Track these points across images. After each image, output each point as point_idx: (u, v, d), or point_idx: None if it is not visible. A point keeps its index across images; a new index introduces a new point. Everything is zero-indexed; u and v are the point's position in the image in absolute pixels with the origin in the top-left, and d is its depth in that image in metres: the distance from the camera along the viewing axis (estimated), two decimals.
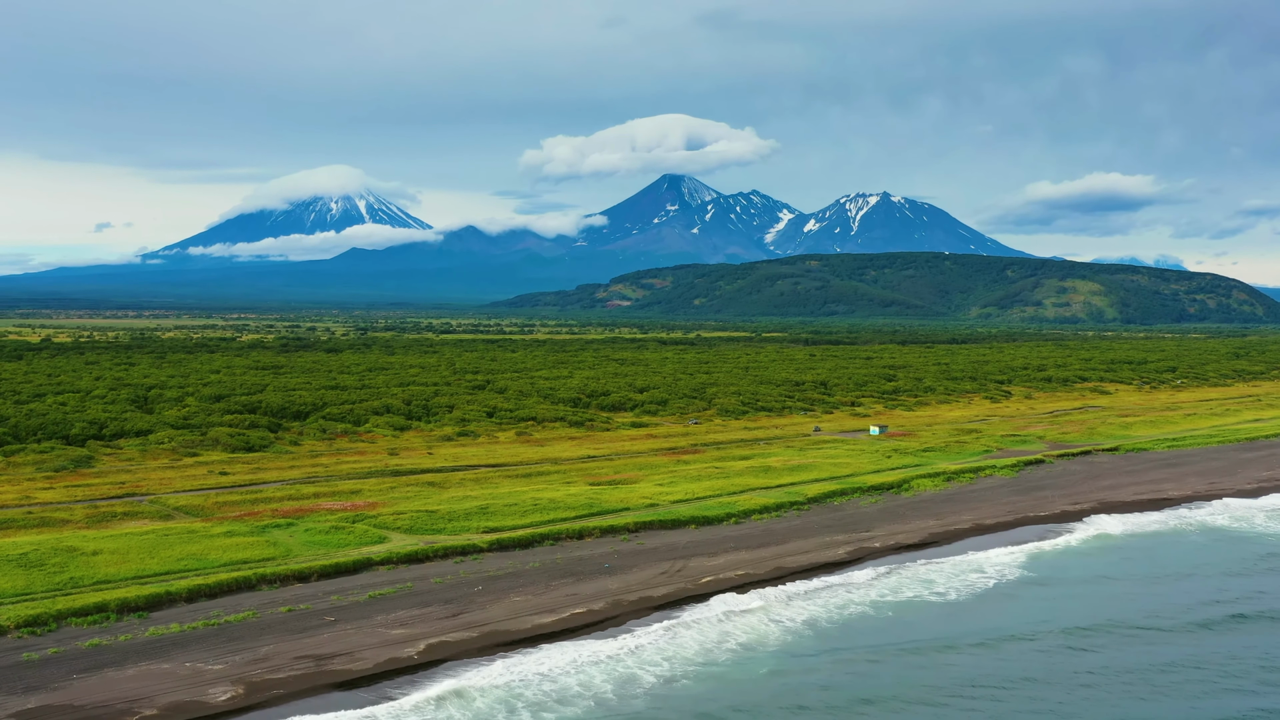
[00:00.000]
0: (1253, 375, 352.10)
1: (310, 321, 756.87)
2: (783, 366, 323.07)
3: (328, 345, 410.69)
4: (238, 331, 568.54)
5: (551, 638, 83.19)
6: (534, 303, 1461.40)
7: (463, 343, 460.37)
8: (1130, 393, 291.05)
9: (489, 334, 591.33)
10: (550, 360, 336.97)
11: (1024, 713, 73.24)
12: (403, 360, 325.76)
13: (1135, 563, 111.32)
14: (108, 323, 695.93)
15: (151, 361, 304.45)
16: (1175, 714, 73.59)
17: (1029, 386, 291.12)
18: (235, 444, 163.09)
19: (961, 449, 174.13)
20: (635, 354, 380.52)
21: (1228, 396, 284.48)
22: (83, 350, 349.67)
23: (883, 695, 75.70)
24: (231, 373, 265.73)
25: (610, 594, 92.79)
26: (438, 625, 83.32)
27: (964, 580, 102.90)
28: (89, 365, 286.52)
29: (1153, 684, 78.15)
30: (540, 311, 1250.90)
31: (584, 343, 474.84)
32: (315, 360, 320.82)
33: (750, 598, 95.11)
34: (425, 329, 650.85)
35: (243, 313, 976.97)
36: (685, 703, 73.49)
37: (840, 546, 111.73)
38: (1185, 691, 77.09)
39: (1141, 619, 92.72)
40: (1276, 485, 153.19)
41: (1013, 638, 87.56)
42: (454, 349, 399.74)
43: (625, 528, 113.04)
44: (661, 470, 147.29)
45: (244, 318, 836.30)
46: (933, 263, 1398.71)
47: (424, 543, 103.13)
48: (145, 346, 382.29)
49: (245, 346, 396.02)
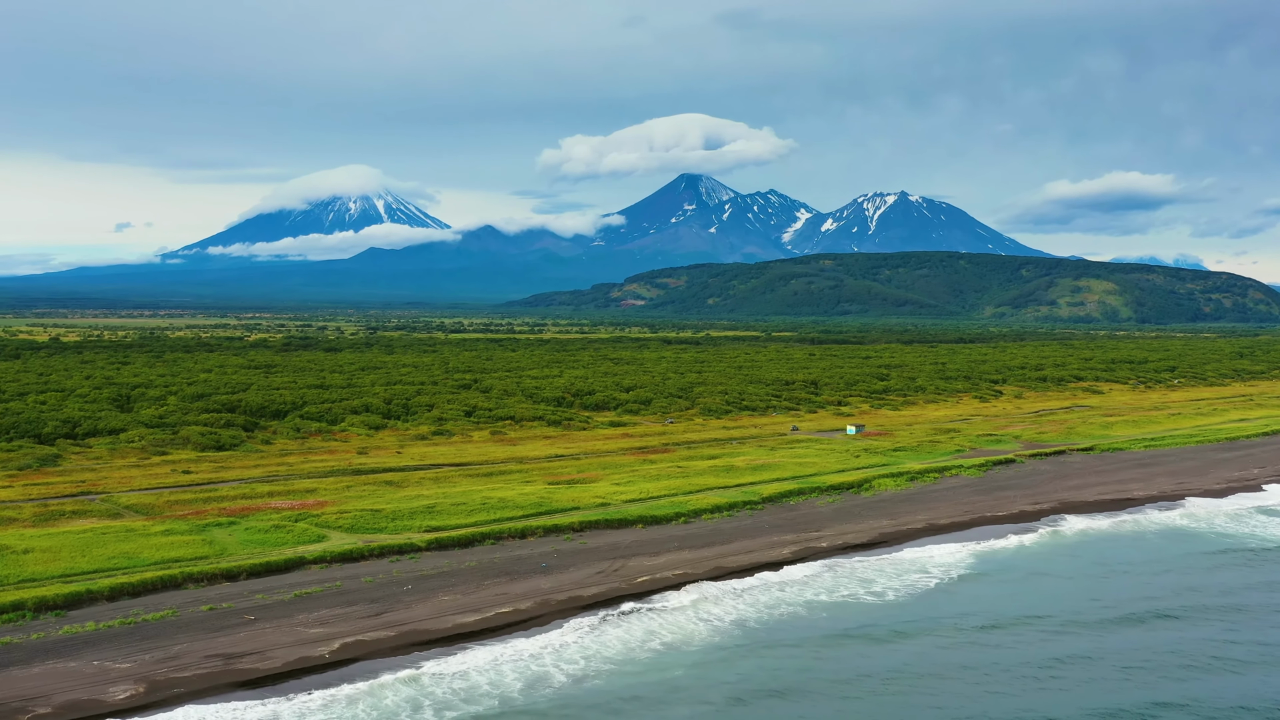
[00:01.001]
0: (1252, 375, 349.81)
1: (323, 321, 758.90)
2: (777, 366, 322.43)
3: (328, 345, 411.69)
4: (248, 331, 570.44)
5: (472, 637, 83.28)
6: (549, 302, 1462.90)
7: (466, 342, 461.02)
8: (1124, 392, 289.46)
9: (498, 333, 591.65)
10: (546, 360, 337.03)
11: (921, 706, 74.05)
12: (399, 360, 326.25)
13: (1080, 563, 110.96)
14: (121, 322, 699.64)
15: (146, 361, 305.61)
16: (1056, 705, 74.15)
17: (1022, 386, 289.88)
18: (206, 443, 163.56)
19: (934, 449, 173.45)
20: (634, 353, 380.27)
21: (1220, 396, 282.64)
22: (81, 350, 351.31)
23: (789, 690, 76.36)
24: (223, 372, 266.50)
25: (541, 593, 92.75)
26: (358, 624, 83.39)
27: (904, 580, 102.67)
28: (84, 364, 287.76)
29: (1045, 678, 78.91)
30: (555, 311, 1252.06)
31: (587, 342, 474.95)
32: (311, 359, 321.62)
33: (683, 596, 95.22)
34: (436, 328, 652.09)
35: (259, 312, 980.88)
36: (590, 699, 73.65)
37: (786, 546, 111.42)
38: (1072, 684, 77.83)
39: (1067, 616, 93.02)
40: (1246, 485, 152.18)
41: (933, 634, 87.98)
42: (454, 348, 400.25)
43: (570, 527, 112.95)
44: (624, 470, 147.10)
45: (258, 317, 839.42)
46: (947, 262, 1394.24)
47: (362, 541, 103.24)
48: (146, 346, 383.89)
49: (246, 346, 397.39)
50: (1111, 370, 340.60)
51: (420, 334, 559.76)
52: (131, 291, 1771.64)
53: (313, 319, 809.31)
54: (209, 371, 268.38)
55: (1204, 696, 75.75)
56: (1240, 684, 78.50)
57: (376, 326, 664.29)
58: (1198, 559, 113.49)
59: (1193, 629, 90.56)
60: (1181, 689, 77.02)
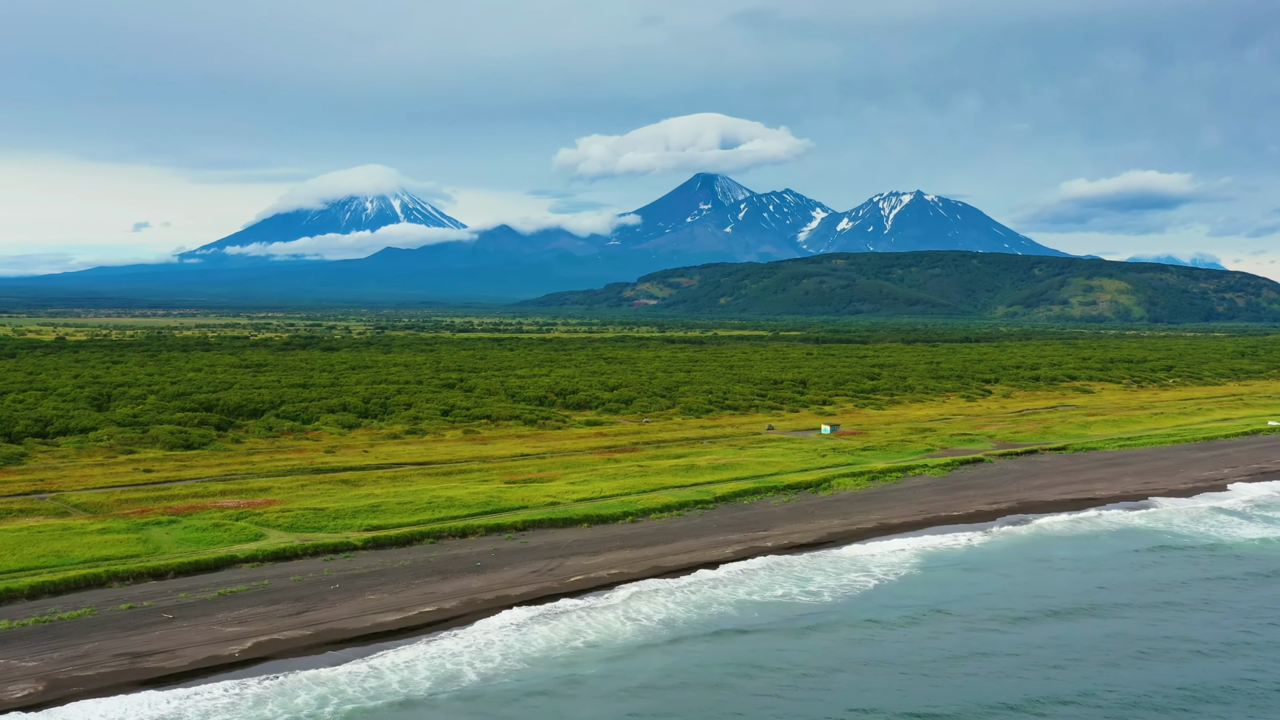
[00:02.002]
0: (1249, 375, 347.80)
1: (334, 321, 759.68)
2: (769, 365, 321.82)
3: (326, 344, 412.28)
4: (256, 330, 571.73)
5: (391, 636, 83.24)
6: (562, 301, 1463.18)
7: (467, 341, 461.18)
8: (1115, 392, 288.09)
9: (506, 333, 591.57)
10: (540, 359, 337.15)
11: (810, 691, 75.75)
12: (393, 359, 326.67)
13: (1025, 561, 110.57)
14: (133, 321, 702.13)
15: (139, 360, 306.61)
16: (941, 697, 74.99)
17: (1013, 385, 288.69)
18: (174, 442, 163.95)
19: (904, 448, 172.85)
20: (631, 352, 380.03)
21: (1211, 396, 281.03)
22: (78, 349, 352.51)
23: (692, 684, 76.78)
24: (212, 371, 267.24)
25: (470, 592, 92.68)
26: (276, 624, 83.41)
27: (843, 579, 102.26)
28: (77, 363, 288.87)
29: (947, 671, 79.71)
30: (567, 310, 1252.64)
31: (587, 342, 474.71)
32: (305, 359, 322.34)
33: (615, 595, 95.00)
34: (444, 328, 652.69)
35: (274, 312, 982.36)
36: (495, 696, 73.75)
37: (730, 545, 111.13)
38: (968, 677, 78.60)
39: (994, 612, 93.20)
40: (1212, 485, 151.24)
41: (855, 630, 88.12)
42: (452, 348, 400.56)
43: (513, 526, 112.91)
44: (584, 469, 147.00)
45: (268, 317, 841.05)
46: (960, 261, 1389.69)
47: (299, 540, 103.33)
48: (145, 345, 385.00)
49: (246, 345, 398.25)
50: (1107, 370, 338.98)
51: (427, 333, 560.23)
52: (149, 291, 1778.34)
53: (324, 318, 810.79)
54: (199, 371, 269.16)
55: (1100, 689, 76.14)
56: (1144, 676, 78.85)
57: (385, 326, 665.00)
58: (1143, 557, 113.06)
59: (1116, 624, 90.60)
60: (1082, 683, 77.35)
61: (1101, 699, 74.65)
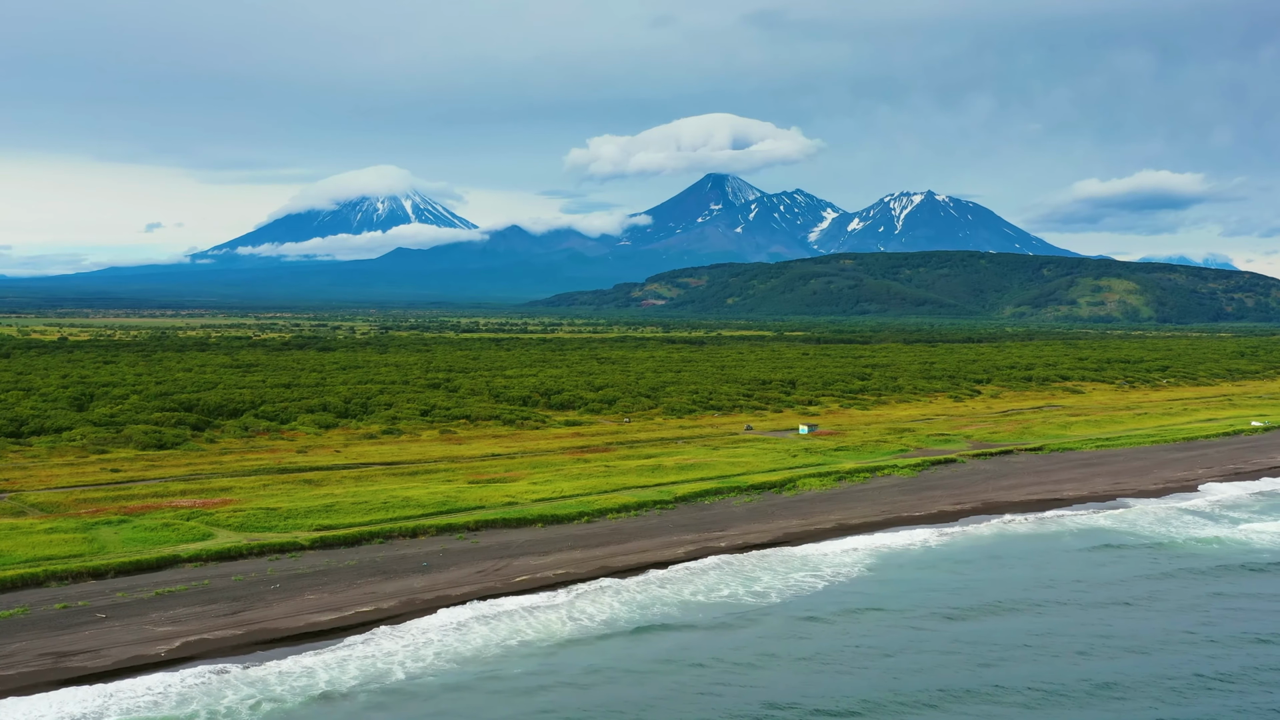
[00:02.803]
0: (1244, 375, 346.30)
1: (341, 321, 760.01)
2: (761, 365, 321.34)
3: (323, 344, 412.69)
4: (261, 331, 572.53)
5: (324, 635, 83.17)
6: (571, 302, 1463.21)
7: (466, 342, 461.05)
8: (1106, 392, 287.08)
9: (510, 333, 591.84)
10: (533, 359, 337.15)
11: (727, 685, 76.62)
12: (387, 359, 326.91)
13: (977, 561, 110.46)
14: (140, 321, 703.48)
15: (132, 360, 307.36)
16: (847, 688, 76.07)
17: (1004, 386, 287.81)
18: (148, 442, 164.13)
19: (878, 448, 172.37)
20: (627, 352, 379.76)
21: (1201, 396, 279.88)
22: (73, 349, 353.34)
23: (622, 679, 77.23)
24: (201, 371, 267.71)
25: (410, 592, 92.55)
26: (209, 623, 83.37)
27: (791, 579, 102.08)
28: (70, 363, 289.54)
29: (863, 665, 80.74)
30: (576, 310, 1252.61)
31: (585, 342, 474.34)
32: (298, 359, 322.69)
33: (557, 595, 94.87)
34: (449, 328, 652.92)
35: (284, 312, 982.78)
36: (417, 694, 73.99)
37: (683, 546, 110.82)
38: (882, 671, 79.58)
39: (931, 609, 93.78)
40: (1184, 486, 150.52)
41: (784, 626, 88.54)
42: (449, 348, 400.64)
43: (465, 526, 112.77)
44: (550, 469, 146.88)
45: (276, 317, 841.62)
46: (968, 262, 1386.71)
47: (247, 540, 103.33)
48: (143, 346, 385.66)
49: (243, 345, 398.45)
50: (1101, 370, 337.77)
51: (430, 334, 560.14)
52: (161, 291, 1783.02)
53: (332, 319, 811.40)
54: (188, 371, 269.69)
55: (1016, 683, 77.11)
56: (1060, 671, 79.76)
57: (390, 326, 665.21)
58: (1096, 556, 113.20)
59: (1050, 621, 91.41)
60: (999, 677, 78.26)
61: (1015, 691, 75.43)
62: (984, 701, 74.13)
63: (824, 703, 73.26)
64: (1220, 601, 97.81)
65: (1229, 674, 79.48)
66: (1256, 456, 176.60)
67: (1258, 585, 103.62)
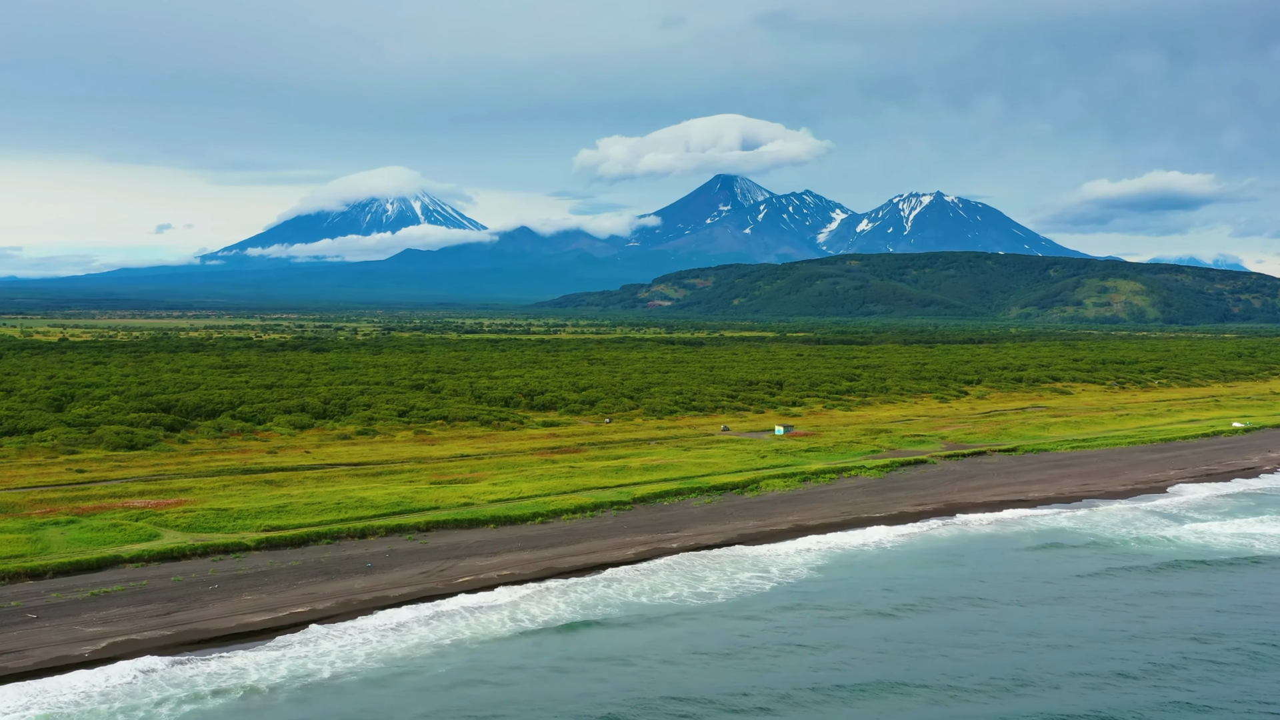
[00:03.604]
0: (1237, 376, 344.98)
1: (345, 322, 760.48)
2: (752, 366, 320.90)
3: (319, 345, 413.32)
4: (263, 332, 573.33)
5: (255, 636, 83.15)
6: (577, 303, 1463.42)
7: (464, 343, 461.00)
8: (1095, 393, 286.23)
9: (512, 334, 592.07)
10: (525, 359, 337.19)
11: (640, 679, 77.78)
12: (380, 360, 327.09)
13: (927, 561, 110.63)
14: (146, 323, 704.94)
15: (123, 360, 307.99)
16: (752, 681, 77.27)
17: (992, 386, 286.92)
18: (119, 442, 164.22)
19: (850, 449, 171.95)
20: (622, 353, 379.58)
21: (1189, 397, 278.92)
22: (66, 350, 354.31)
23: (545, 677, 77.61)
24: (190, 372, 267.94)
25: (349, 593, 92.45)
26: (141, 624, 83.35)
27: (738, 580, 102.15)
28: (62, 364, 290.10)
29: (772, 663, 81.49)
30: (582, 311, 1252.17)
31: (581, 342, 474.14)
32: (289, 359, 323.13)
33: (499, 596, 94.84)
34: (452, 329, 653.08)
35: (293, 313, 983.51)
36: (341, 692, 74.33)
37: (634, 547, 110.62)
38: (791, 666, 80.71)
39: (866, 607, 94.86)
40: (1153, 487, 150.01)
41: (718, 624, 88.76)
42: (443, 349, 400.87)
43: (416, 527, 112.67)
44: (515, 469, 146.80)
45: (279, 318, 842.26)
46: (974, 262, 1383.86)
47: (193, 540, 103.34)
48: (139, 347, 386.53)
49: (239, 346, 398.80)
50: (1094, 371, 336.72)
51: (432, 335, 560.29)
52: (170, 292, 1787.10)
53: (338, 320, 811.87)
54: (176, 372, 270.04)
55: (925, 677, 78.39)
56: (969, 666, 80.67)
57: (392, 327, 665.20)
58: (1045, 555, 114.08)
59: (977, 618, 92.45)
60: (905, 671, 79.45)
61: (925, 687, 76.60)
62: (894, 694, 75.14)
63: (729, 696, 74.26)
64: (1161, 599, 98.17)
65: (1149, 669, 79.96)
66: (1231, 458, 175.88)
67: (1201, 583, 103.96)
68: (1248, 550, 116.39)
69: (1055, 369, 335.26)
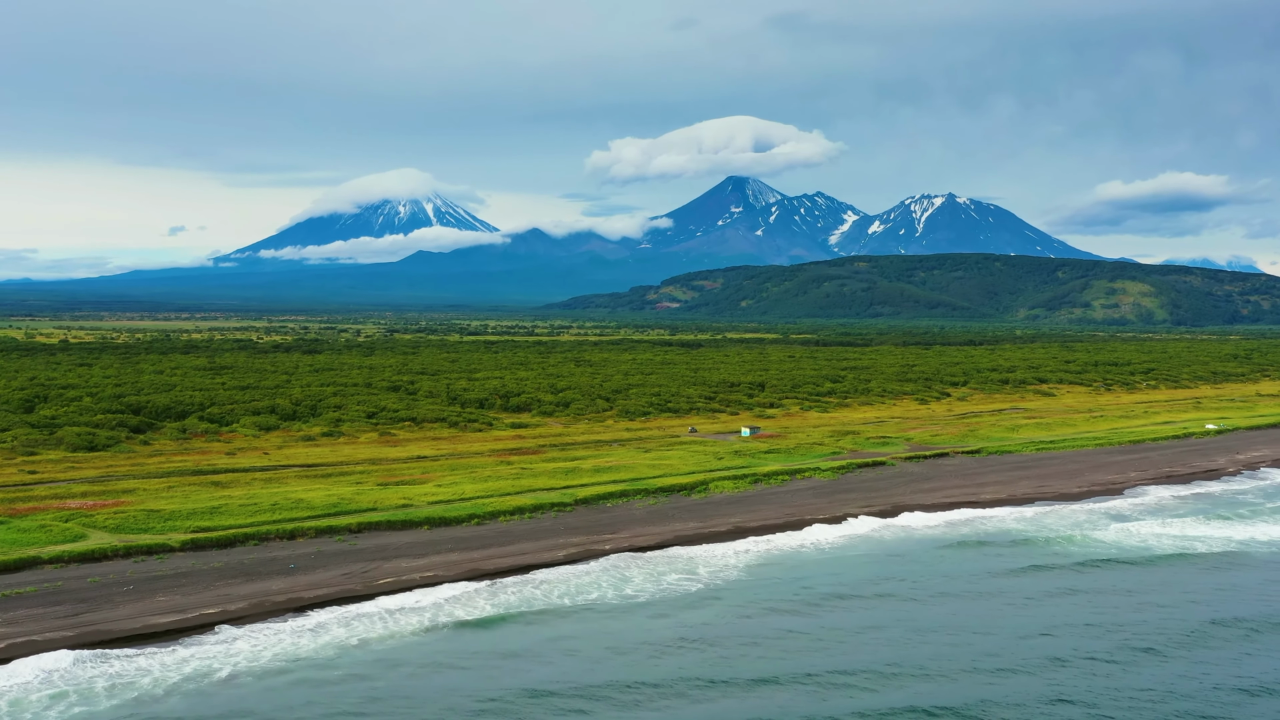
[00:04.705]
0: (1228, 377, 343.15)
1: (354, 324, 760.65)
2: (739, 368, 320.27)
3: (311, 346, 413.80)
4: (266, 333, 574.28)
5: (162, 637, 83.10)
6: (586, 304, 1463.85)
7: (458, 344, 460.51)
8: (1079, 394, 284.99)
9: (517, 335, 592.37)
10: (513, 361, 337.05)
11: (522, 674, 78.83)
12: (368, 361, 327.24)
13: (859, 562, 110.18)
14: (155, 325, 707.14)
15: (110, 361, 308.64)
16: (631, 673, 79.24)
17: (977, 388, 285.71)
18: (79, 444, 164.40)
19: (810, 451, 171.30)
20: (614, 355, 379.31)
21: (1173, 399, 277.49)
22: (55, 352, 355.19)
23: (437, 673, 76.94)
24: (173, 373, 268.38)
25: (265, 594, 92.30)
26: (45, 625, 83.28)
27: (665, 581, 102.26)
28: (50, 365, 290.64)
29: (652, 657, 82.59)
30: (590, 313, 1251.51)
31: (575, 343, 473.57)
32: (276, 361, 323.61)
33: (416, 597, 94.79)
34: (455, 330, 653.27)
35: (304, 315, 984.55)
36: (234, 692, 74.41)
37: (566, 549, 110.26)
38: (674, 660, 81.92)
39: (774, 604, 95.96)
40: (1109, 489, 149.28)
41: (619, 622, 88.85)
42: (436, 350, 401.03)
43: (348, 528, 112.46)
44: (466, 471, 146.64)
45: (286, 320, 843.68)
46: (983, 264, 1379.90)
47: (119, 541, 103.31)
48: (132, 348, 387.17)
49: (233, 348, 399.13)
50: (1084, 373, 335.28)
51: (434, 336, 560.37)
52: (183, 295, 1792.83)
53: (345, 321, 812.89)
54: (160, 373, 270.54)
55: (803, 669, 79.99)
56: (848, 659, 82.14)
57: (397, 329, 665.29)
58: (970, 553, 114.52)
59: (882, 614, 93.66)
60: (784, 664, 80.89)
61: (794, 677, 78.18)
62: (764, 686, 76.63)
63: (599, 688, 76.16)
64: (1068, 597, 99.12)
65: (1018, 665, 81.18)
66: (1196, 459, 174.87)
67: (1115, 582, 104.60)
68: (1185, 550, 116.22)
69: (1044, 370, 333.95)
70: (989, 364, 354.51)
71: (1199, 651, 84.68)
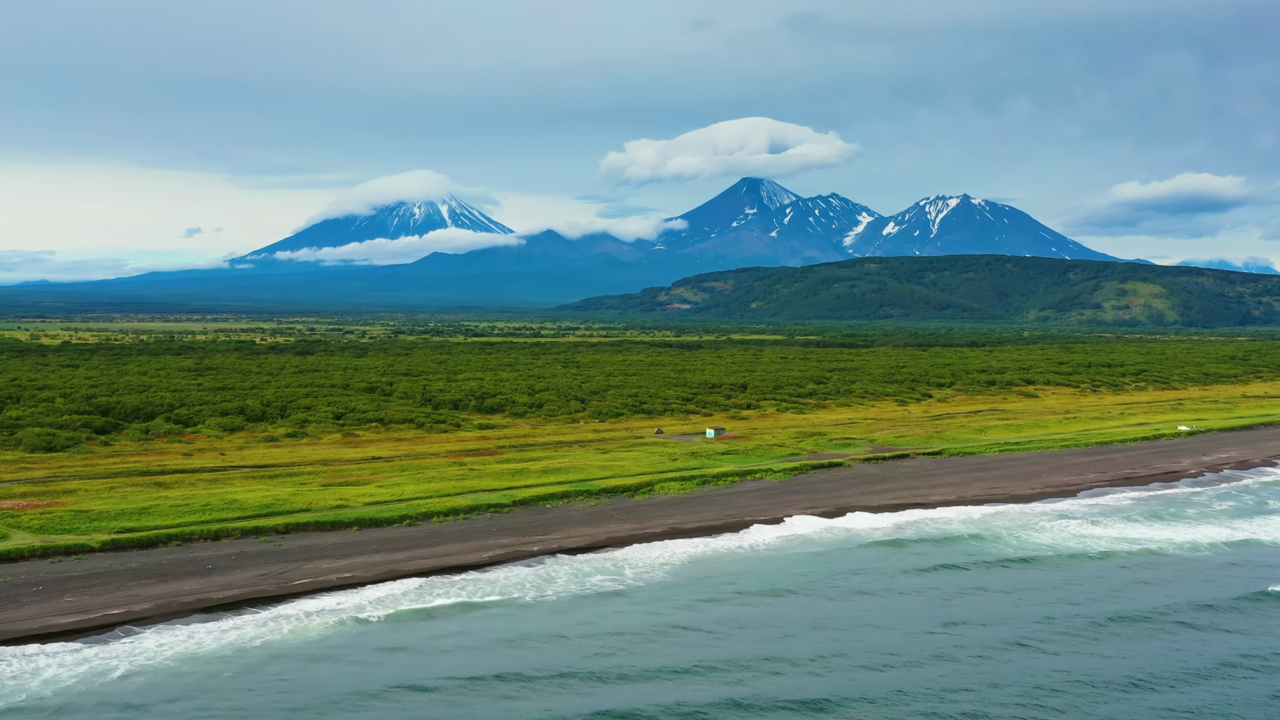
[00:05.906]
0: (1219, 378, 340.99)
1: (362, 325, 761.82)
2: (726, 368, 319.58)
3: (303, 348, 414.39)
4: (273, 334, 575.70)
5: (60, 637, 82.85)
6: (597, 306, 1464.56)
7: (454, 345, 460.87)
8: (1064, 395, 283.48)
9: (522, 337, 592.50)
10: (501, 363, 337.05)
11: (416, 669, 78.59)
12: (358, 362, 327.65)
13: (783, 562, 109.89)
14: (164, 326, 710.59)
15: (99, 362, 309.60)
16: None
17: (962, 389, 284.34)
18: (38, 444, 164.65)
19: (769, 452, 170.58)
20: (606, 356, 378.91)
21: (1156, 400, 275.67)
22: (45, 352, 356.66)
23: (337, 665, 76.54)
24: (155, 374, 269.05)
25: (174, 596, 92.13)
26: None
27: (587, 582, 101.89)
28: (40, 366, 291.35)
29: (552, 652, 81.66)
30: (601, 315, 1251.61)
31: (574, 344, 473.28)
32: (262, 363, 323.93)
33: (333, 599, 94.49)
34: (461, 331, 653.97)
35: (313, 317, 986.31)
36: (120, 690, 74.54)
37: (494, 550, 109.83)
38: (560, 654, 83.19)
39: (676, 603, 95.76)
40: (1063, 491, 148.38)
41: (529, 621, 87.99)
42: (429, 351, 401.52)
43: (275, 529, 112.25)
44: (415, 472, 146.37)
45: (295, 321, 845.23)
46: (994, 265, 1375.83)
47: (40, 541, 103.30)
48: (126, 349, 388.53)
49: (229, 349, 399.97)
50: (1074, 374, 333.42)
51: (438, 338, 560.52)
52: (199, 296, 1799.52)
53: (356, 323, 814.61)
54: (143, 374, 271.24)
55: (696, 662, 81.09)
56: (737, 653, 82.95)
57: (404, 330, 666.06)
58: (889, 551, 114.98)
59: (780, 610, 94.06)
60: (643, 659, 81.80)
61: (659, 671, 79.35)
62: (621, 680, 77.73)
63: (479, 680, 77.38)
64: (978, 595, 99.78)
65: (895, 660, 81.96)
66: (1160, 462, 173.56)
67: (1025, 579, 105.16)
68: (1116, 550, 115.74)
69: (1034, 372, 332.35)
70: (979, 365, 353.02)
71: (1085, 645, 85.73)
